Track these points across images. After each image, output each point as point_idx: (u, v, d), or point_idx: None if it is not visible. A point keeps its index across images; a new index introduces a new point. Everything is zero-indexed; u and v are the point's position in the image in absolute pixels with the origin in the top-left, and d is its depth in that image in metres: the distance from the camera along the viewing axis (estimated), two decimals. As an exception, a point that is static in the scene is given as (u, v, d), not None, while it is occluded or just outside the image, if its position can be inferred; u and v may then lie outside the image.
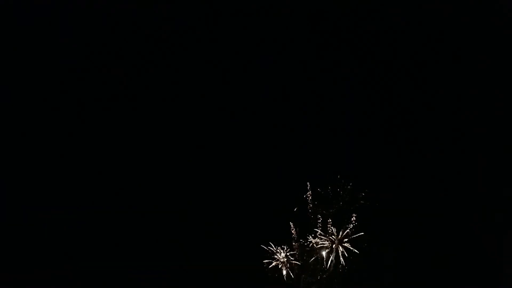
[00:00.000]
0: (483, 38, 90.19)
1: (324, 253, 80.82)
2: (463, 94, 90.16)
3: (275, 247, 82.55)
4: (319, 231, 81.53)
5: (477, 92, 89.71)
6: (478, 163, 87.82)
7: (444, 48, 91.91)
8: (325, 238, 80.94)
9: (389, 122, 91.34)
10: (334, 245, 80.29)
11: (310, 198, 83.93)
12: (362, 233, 79.74)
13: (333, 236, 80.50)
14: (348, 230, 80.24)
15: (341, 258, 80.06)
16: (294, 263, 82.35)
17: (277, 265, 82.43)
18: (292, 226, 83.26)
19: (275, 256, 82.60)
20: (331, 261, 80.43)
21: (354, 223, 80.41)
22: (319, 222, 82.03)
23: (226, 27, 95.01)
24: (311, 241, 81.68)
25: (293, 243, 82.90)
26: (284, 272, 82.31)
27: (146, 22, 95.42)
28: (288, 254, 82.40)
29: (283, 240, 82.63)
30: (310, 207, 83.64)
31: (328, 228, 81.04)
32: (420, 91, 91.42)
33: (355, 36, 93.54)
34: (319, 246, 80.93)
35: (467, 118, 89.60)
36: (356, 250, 79.37)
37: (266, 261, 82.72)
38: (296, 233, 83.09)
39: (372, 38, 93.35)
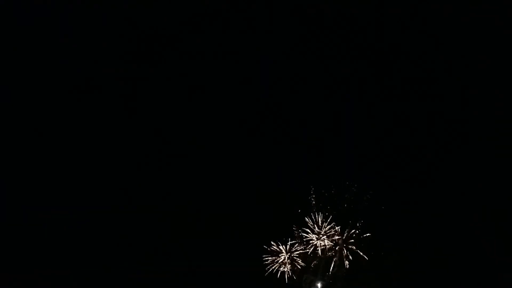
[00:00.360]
0: (483, 38, 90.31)
1: (327, 254, 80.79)
2: (463, 94, 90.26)
3: (277, 247, 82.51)
4: (322, 231, 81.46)
5: (477, 92, 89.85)
6: (478, 163, 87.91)
7: (444, 48, 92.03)
8: (328, 239, 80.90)
9: (391, 123, 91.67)
10: (338, 247, 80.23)
11: (313, 202, 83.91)
12: (369, 234, 79.75)
13: (336, 237, 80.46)
14: (352, 231, 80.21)
15: (344, 259, 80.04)
16: (296, 263, 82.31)
17: (279, 266, 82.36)
18: (294, 227, 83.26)
19: (277, 257, 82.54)
20: (335, 261, 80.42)
21: (359, 224, 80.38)
22: (322, 224, 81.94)
23: (226, 27, 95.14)
24: (313, 242, 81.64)
25: (296, 244, 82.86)
26: (286, 273, 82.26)
27: (145, 22, 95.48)
28: (290, 254, 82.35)
29: (285, 240, 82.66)
30: (313, 210, 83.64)
31: (332, 229, 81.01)
32: (421, 92, 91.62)
33: (355, 37, 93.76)
34: (322, 247, 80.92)
35: (467, 118, 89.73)
36: (361, 252, 79.35)
37: (268, 261, 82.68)
38: (298, 234, 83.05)
39: (373, 38, 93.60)
